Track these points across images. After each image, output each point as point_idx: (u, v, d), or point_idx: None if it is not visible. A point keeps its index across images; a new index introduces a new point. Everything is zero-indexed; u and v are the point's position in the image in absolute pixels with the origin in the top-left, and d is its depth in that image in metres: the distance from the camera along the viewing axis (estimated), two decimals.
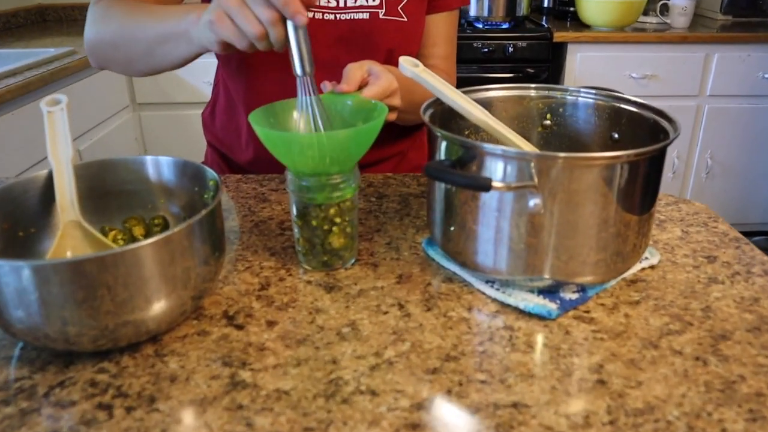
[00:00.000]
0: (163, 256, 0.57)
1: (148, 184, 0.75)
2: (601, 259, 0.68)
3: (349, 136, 0.67)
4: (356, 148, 0.69)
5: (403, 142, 1.14)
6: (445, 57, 1.11)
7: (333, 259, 0.74)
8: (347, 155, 0.68)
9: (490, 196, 0.66)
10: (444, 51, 1.10)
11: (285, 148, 0.68)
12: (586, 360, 0.59)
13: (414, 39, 1.05)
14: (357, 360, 0.59)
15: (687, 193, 2.82)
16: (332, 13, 0.99)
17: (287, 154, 0.68)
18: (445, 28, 1.10)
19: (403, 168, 1.17)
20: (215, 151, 1.18)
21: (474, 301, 0.69)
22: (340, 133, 0.67)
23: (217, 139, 1.16)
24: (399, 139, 1.14)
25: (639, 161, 0.65)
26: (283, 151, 0.68)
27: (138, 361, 0.59)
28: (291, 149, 0.67)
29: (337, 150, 0.67)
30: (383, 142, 1.11)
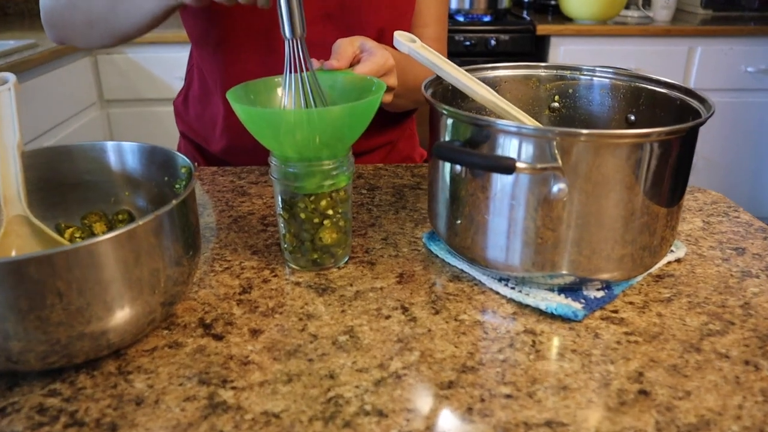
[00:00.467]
0: (126, 255, 0.48)
1: (109, 174, 0.65)
2: (628, 253, 0.60)
3: (343, 113, 0.58)
4: (351, 127, 0.60)
5: (392, 131, 1.06)
6: (437, 39, 1.03)
7: (324, 257, 0.65)
8: (341, 136, 0.60)
9: (506, 182, 0.58)
10: (435, 32, 1.02)
11: (269, 129, 0.59)
12: (623, 367, 0.51)
13: (405, 18, 0.97)
14: (358, 374, 0.50)
15: None
16: None
17: (272, 135, 0.59)
18: (435, 8, 1.02)
19: (393, 159, 1.08)
20: (189, 142, 1.08)
21: (487, 302, 0.60)
22: (333, 109, 0.58)
23: (190, 129, 1.06)
24: (388, 127, 1.05)
25: (671, 141, 0.57)
26: (268, 132, 0.59)
27: (97, 380, 0.50)
28: (276, 129, 0.58)
29: (329, 130, 0.58)
30: (372, 132, 1.02)
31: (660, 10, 2.69)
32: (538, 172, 0.54)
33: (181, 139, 1.10)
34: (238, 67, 0.93)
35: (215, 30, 0.92)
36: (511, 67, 0.78)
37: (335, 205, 0.63)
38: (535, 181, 0.56)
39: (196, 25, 0.94)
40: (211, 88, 0.99)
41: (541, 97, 0.79)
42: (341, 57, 0.70)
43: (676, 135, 0.57)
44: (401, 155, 1.09)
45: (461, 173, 0.60)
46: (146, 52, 2.33)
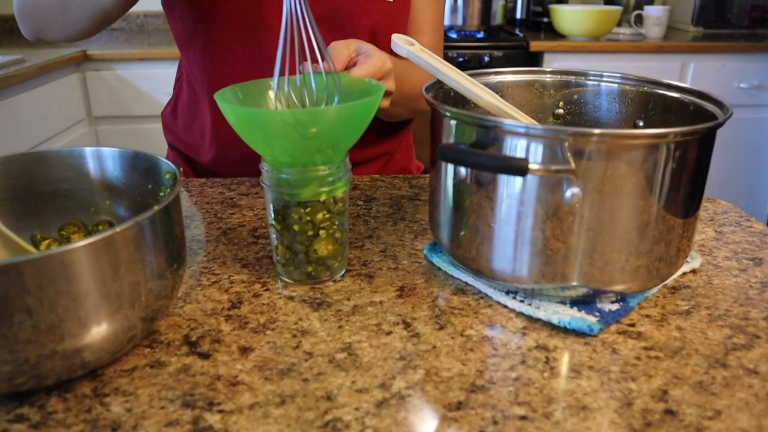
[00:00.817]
0: (102, 265, 0.44)
1: (89, 182, 0.61)
2: (643, 264, 0.56)
3: (340, 114, 0.54)
4: (348, 130, 0.56)
5: (389, 142, 1.02)
6: (433, 47, 0.99)
7: (319, 269, 0.61)
8: (337, 140, 0.56)
9: (514, 187, 0.54)
10: (431, 40, 0.99)
11: (259, 130, 0.55)
12: (645, 385, 0.47)
13: (400, 23, 0.93)
14: (358, 395, 0.46)
15: None
16: None
17: (263, 138, 0.55)
18: (431, 14, 0.99)
19: (389, 170, 1.05)
20: (178, 153, 1.04)
21: (495, 316, 0.56)
22: (330, 110, 0.54)
23: (179, 140, 1.02)
24: (384, 138, 1.01)
25: (689, 143, 0.54)
26: (258, 135, 0.55)
27: (70, 404, 0.45)
28: (267, 131, 0.54)
29: (325, 132, 0.54)
30: (367, 142, 0.98)
31: (652, 27, 2.69)
32: (552, 174, 0.50)
33: (170, 151, 1.06)
34: (226, 70, 0.89)
35: (202, 29, 0.88)
36: (515, 72, 0.74)
37: (331, 215, 0.59)
38: (546, 185, 0.52)
39: (184, 26, 0.90)
40: (200, 95, 0.96)
41: (546, 104, 0.76)
42: (336, 59, 0.66)
43: (695, 136, 0.53)
44: (398, 167, 1.06)
45: (465, 179, 0.57)
46: (135, 69, 2.30)
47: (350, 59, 0.69)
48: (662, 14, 2.66)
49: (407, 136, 1.09)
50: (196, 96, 0.97)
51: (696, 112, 0.63)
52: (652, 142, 0.52)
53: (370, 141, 0.98)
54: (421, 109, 0.97)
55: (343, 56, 0.68)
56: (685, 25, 3.01)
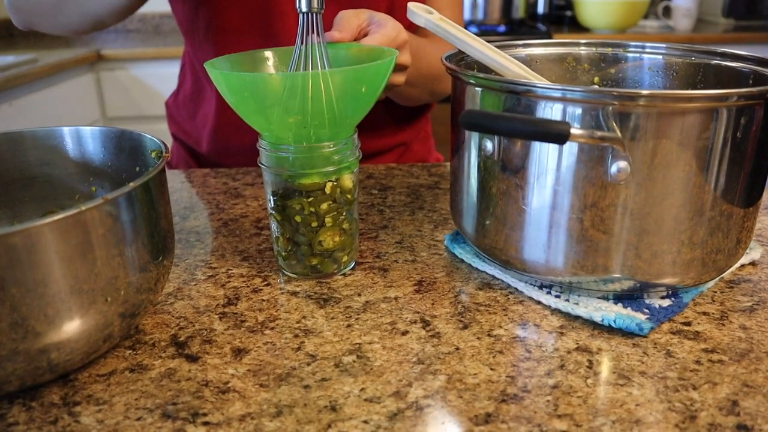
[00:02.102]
0: (71, 248, 0.37)
1: (70, 165, 0.54)
2: (697, 255, 0.48)
3: (348, 77, 0.47)
4: (358, 98, 0.49)
5: (405, 131, 0.95)
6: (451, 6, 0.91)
7: (325, 262, 0.54)
8: (345, 109, 0.49)
9: (549, 162, 0.47)
10: (452, 16, 0.91)
11: (254, 100, 0.48)
12: (710, 394, 0.40)
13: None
14: (368, 405, 0.39)
15: None
16: None
17: (258, 108, 0.48)
18: None
19: (406, 162, 0.97)
20: (181, 144, 0.98)
21: (527, 314, 0.49)
22: (335, 72, 0.47)
23: (182, 131, 0.96)
24: (401, 126, 0.94)
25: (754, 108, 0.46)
26: (252, 105, 0.48)
27: (34, 413, 0.39)
28: (263, 100, 0.47)
29: (330, 100, 0.47)
30: (383, 131, 0.92)
31: (681, 19, 2.59)
32: (596, 142, 0.42)
33: (174, 142, 1.01)
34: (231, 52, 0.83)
35: (205, 10, 0.82)
36: (546, 45, 0.67)
37: (338, 200, 0.52)
38: (587, 160, 0.45)
39: (185, 8, 0.84)
40: (203, 82, 0.90)
41: (579, 80, 0.68)
42: (345, 28, 0.60)
43: (763, 100, 0.45)
44: (415, 158, 0.99)
45: (493, 155, 0.50)
46: (150, 68, 2.26)
47: (361, 29, 0.62)
48: (692, 5, 2.56)
49: (425, 125, 1.02)
50: (199, 84, 0.91)
51: (759, 83, 0.55)
52: (711, 105, 0.44)
53: (386, 130, 0.91)
54: (441, 90, 0.89)
55: (352, 25, 0.61)
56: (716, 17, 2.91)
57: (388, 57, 0.51)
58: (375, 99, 0.51)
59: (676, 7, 2.60)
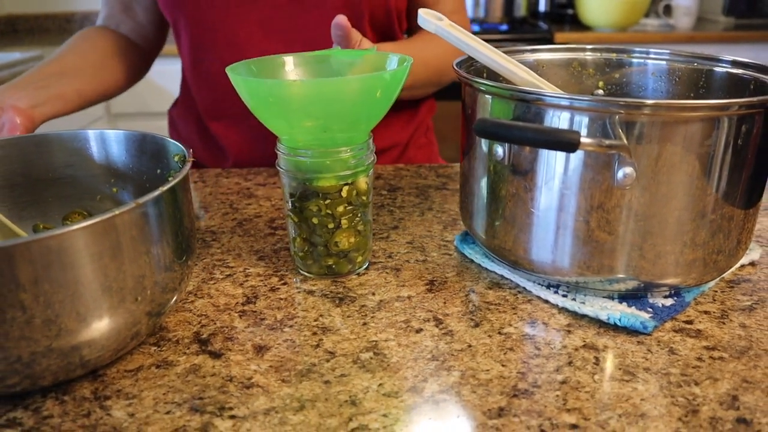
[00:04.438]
0: (103, 251, 0.39)
1: (94, 167, 0.56)
2: (699, 256, 0.50)
3: (366, 84, 0.49)
4: (374, 104, 0.51)
5: (400, 133, 0.96)
6: (454, 11, 0.92)
7: (341, 262, 0.56)
8: (362, 114, 0.51)
9: (556, 167, 0.48)
10: (452, 5, 0.91)
11: (279, 105, 0.50)
12: (711, 390, 0.42)
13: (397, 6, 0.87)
14: (386, 399, 0.41)
15: None
16: None
17: (282, 113, 0.50)
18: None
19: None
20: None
21: (536, 312, 0.51)
22: (354, 79, 0.49)
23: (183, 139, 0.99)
24: (397, 127, 0.95)
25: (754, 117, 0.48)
26: (277, 110, 0.50)
27: (67, 407, 0.41)
28: (288, 105, 0.49)
29: (349, 105, 0.49)
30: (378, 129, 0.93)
31: (681, 18, 2.61)
32: (604, 150, 0.44)
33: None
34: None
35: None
36: (552, 50, 0.69)
37: (354, 203, 0.54)
38: (594, 165, 0.47)
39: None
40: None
41: (585, 84, 0.70)
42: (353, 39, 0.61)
43: (763, 109, 0.47)
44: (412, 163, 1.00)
45: (503, 160, 0.51)
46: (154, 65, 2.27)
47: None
48: (692, 4, 2.58)
49: (425, 131, 1.03)
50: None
51: (759, 90, 0.57)
52: (713, 114, 0.46)
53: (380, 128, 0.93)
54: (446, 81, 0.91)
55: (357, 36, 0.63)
56: (716, 16, 2.92)
57: (402, 62, 0.53)
58: (390, 104, 0.53)
59: (676, 6, 2.61)
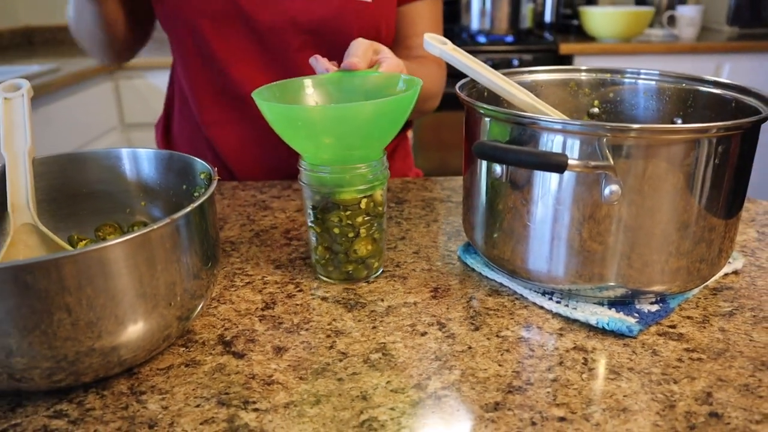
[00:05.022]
0: (139, 262, 0.44)
1: (125, 183, 0.61)
2: (684, 264, 0.55)
3: (381, 107, 0.55)
4: (389, 123, 0.57)
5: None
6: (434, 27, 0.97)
7: (359, 269, 0.61)
8: (377, 133, 0.56)
9: (551, 185, 0.53)
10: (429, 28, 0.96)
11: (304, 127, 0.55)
12: (688, 387, 0.46)
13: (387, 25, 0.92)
14: (393, 394, 0.45)
15: None
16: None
17: (307, 134, 0.56)
18: (429, 14, 0.96)
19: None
20: None
21: (531, 317, 0.55)
22: (369, 104, 0.54)
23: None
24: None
25: (731, 138, 0.52)
26: (303, 132, 0.56)
27: (107, 400, 0.46)
28: (312, 127, 0.55)
29: (363, 128, 0.54)
30: None
31: (685, 28, 2.64)
32: (591, 171, 0.49)
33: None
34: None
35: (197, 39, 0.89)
36: (549, 71, 0.74)
37: (370, 213, 0.59)
38: (584, 183, 0.51)
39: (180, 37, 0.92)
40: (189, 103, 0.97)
41: (581, 103, 0.75)
42: (363, 57, 0.66)
43: (738, 131, 0.52)
44: (396, 174, 1.04)
45: (501, 177, 0.56)
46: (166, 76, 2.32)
47: (372, 60, 0.68)
48: (696, 14, 2.61)
49: (404, 144, 1.08)
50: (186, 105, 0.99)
51: (738, 109, 0.62)
52: (693, 137, 0.50)
53: None
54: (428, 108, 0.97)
55: (368, 55, 0.67)
56: (720, 25, 2.95)
57: (412, 85, 0.58)
58: (402, 123, 0.58)
59: (680, 17, 2.65)
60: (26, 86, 0.61)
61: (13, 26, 2.79)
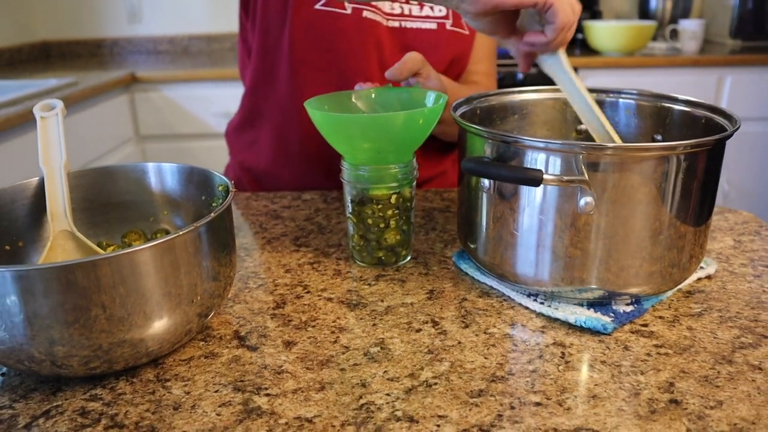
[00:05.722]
0: (164, 264, 0.50)
1: (149, 194, 0.68)
2: (657, 269, 0.60)
3: (414, 116, 0.64)
4: (417, 132, 0.66)
5: (444, 161, 1.09)
6: (487, 74, 1.07)
7: (388, 255, 0.71)
8: (407, 139, 0.66)
9: (533, 197, 0.59)
10: (486, 68, 1.07)
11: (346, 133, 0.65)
12: (654, 378, 0.51)
13: (469, 53, 1.02)
14: (389, 382, 0.51)
15: None
16: (397, 21, 0.96)
17: (347, 139, 0.66)
18: (488, 45, 1.07)
19: (446, 186, 1.11)
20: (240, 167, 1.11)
21: (517, 317, 0.61)
22: (401, 114, 0.64)
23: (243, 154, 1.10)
24: (442, 157, 1.08)
25: (697, 155, 0.58)
26: (344, 137, 0.66)
27: (136, 386, 0.52)
28: (353, 133, 0.65)
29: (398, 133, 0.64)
30: (428, 162, 1.05)
31: (687, 41, 2.69)
32: (565, 184, 0.55)
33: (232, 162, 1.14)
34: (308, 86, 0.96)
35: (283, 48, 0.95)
36: (537, 91, 0.79)
37: (399, 208, 0.68)
38: (563, 195, 0.57)
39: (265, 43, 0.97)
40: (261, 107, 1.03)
41: (568, 120, 0.80)
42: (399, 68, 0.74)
43: (703, 148, 0.57)
44: (450, 182, 1.12)
45: (490, 189, 0.62)
46: (180, 90, 2.40)
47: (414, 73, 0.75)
48: (698, 28, 2.66)
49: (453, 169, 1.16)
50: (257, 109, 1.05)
51: (708, 126, 0.67)
52: (661, 154, 0.56)
53: (431, 161, 1.05)
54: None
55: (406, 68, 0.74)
56: (723, 38, 3.00)
57: (438, 100, 0.68)
58: (429, 132, 0.67)
59: (683, 30, 2.70)
60: (60, 106, 0.67)
61: (32, 41, 2.89)
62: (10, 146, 1.71)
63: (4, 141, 1.69)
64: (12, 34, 2.76)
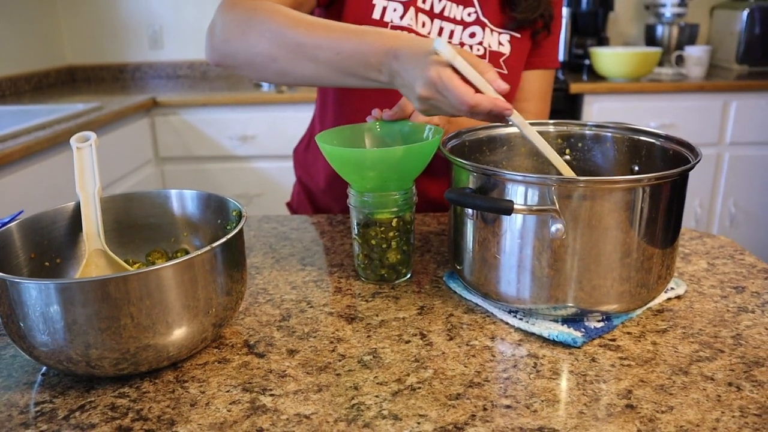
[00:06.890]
0: (184, 280, 0.58)
1: (171, 217, 0.76)
2: (626, 289, 0.67)
3: (413, 150, 0.72)
4: (415, 163, 0.73)
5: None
6: (536, 114, 1.11)
7: (390, 272, 0.78)
8: (408, 169, 0.74)
9: (512, 224, 0.66)
10: (535, 108, 1.10)
11: (352, 164, 0.73)
12: (614, 386, 0.58)
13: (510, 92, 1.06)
14: (379, 386, 0.58)
15: None
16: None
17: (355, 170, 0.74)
18: (538, 85, 1.10)
19: None
20: (303, 188, 1.19)
21: (497, 331, 0.68)
22: (404, 148, 0.72)
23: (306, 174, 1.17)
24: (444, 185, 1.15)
25: (661, 186, 0.64)
26: (351, 168, 0.74)
27: (158, 386, 0.59)
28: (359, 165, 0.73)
29: (399, 164, 0.72)
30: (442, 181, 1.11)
31: (693, 67, 2.75)
32: (536, 213, 0.62)
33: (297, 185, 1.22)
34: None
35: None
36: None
37: (400, 231, 0.76)
38: (537, 222, 0.64)
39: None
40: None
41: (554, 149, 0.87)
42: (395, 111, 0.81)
43: (666, 180, 0.64)
44: None
45: (474, 216, 0.69)
46: (199, 114, 2.51)
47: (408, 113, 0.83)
48: (703, 54, 2.72)
49: None
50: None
51: (675, 156, 0.74)
52: (630, 186, 0.63)
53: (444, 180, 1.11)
54: None
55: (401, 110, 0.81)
56: (730, 64, 3.05)
57: (435, 134, 0.76)
58: (426, 164, 0.75)
59: (688, 56, 2.76)
60: (93, 137, 0.76)
61: (59, 65, 3.02)
62: (40, 167, 1.81)
63: (36, 162, 1.79)
64: (41, 59, 2.89)
